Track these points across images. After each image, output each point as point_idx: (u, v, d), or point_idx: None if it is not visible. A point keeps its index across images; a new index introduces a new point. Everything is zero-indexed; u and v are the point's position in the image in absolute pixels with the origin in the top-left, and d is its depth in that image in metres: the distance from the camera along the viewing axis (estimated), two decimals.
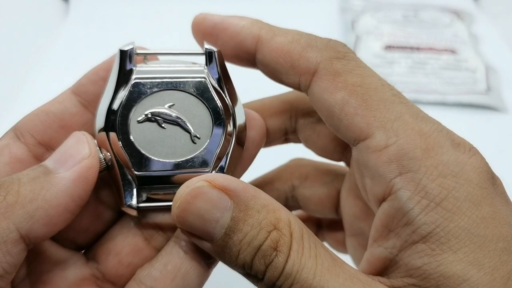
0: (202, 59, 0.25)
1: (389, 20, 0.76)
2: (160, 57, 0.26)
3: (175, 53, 0.25)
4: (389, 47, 0.70)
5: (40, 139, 0.25)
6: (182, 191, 0.21)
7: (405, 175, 0.21)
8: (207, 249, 0.22)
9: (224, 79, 0.25)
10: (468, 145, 0.22)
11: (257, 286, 0.21)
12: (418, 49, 0.70)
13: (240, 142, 0.25)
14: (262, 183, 0.34)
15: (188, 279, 0.22)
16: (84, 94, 0.25)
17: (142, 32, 0.69)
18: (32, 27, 0.70)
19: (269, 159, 0.34)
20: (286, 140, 0.32)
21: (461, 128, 0.22)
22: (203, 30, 0.26)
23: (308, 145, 0.31)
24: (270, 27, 0.26)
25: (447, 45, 0.70)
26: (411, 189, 0.21)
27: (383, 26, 0.74)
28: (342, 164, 0.32)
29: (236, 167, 0.26)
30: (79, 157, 0.22)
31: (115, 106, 0.24)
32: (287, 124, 0.31)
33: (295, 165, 0.34)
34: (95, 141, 0.23)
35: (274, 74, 0.25)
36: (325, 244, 0.35)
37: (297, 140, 0.32)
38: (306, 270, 0.20)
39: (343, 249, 0.34)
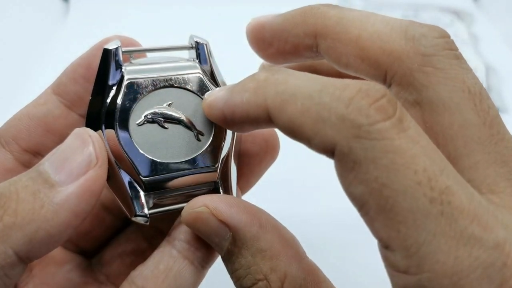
0: (190, 53, 0.25)
1: None
2: (147, 54, 0.25)
3: (161, 48, 0.24)
4: None
5: (26, 146, 0.24)
6: (185, 213, 0.21)
7: None
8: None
9: (216, 72, 0.24)
10: None
11: None
12: None
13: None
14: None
15: (181, 279, 0.21)
16: (65, 94, 0.24)
17: (142, 33, 0.69)
18: (32, 27, 0.70)
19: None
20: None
21: None
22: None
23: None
24: (276, 90, 0.19)
25: None
26: None
27: None
28: None
29: (238, 157, 0.25)
30: (84, 164, 0.20)
31: (110, 110, 0.22)
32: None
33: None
34: (101, 140, 0.21)
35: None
36: None
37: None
38: None
39: None
